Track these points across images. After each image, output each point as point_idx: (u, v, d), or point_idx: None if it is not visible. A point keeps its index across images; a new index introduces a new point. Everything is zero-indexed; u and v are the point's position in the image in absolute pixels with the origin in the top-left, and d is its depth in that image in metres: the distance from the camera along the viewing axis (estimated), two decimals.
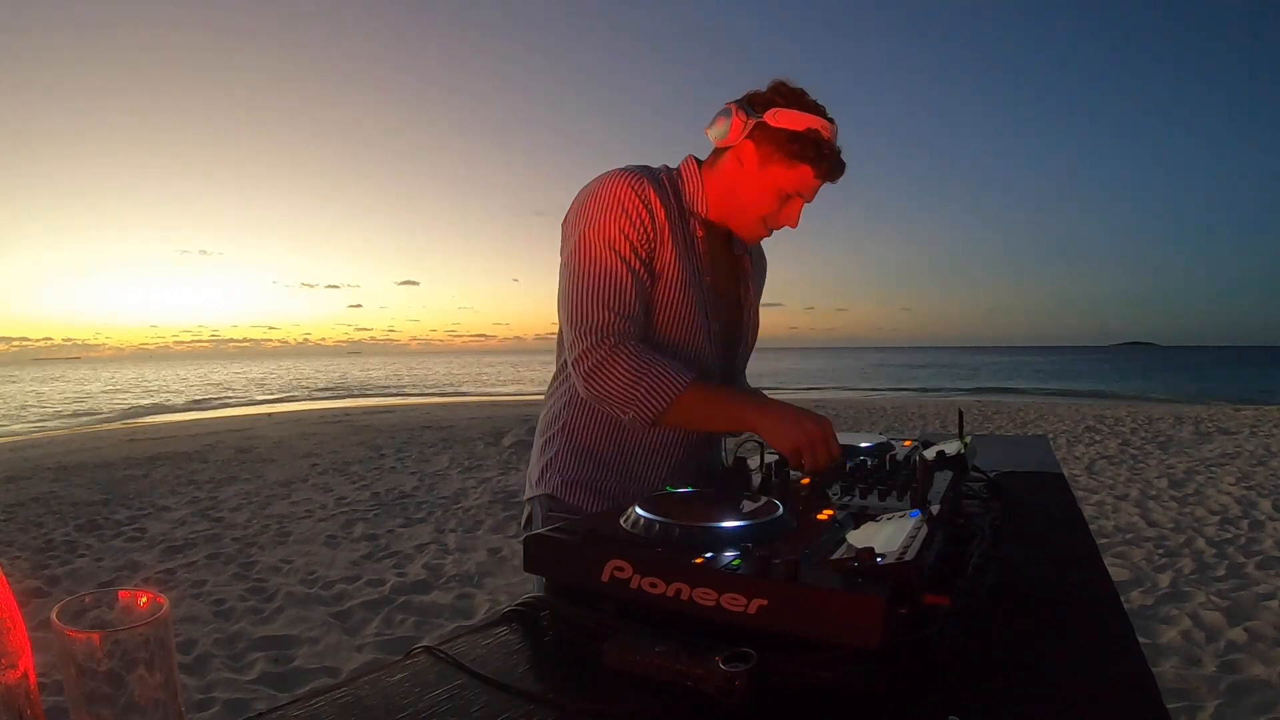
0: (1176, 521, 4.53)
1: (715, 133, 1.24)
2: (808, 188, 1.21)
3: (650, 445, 1.30)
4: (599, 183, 1.24)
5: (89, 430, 14.46)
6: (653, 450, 1.30)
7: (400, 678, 0.62)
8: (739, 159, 1.22)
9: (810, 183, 1.21)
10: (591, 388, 1.17)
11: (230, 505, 5.57)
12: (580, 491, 1.29)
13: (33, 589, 3.60)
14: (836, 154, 1.21)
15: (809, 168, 1.19)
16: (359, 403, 21.37)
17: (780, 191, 1.21)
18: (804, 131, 1.17)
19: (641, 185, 1.21)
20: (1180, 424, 9.73)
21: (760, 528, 0.72)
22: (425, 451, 8.21)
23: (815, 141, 1.17)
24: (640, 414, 1.15)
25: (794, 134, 1.17)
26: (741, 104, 1.21)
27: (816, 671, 0.56)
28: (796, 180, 1.20)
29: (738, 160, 1.22)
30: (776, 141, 1.18)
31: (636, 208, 1.20)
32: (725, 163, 1.25)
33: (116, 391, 32.03)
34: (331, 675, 2.65)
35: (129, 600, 0.46)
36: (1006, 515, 1.06)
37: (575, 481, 1.29)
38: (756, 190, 1.22)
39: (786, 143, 1.18)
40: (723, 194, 1.26)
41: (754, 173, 1.21)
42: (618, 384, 1.15)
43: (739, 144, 1.21)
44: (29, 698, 0.43)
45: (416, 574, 3.77)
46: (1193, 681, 2.44)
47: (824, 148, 1.18)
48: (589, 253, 1.19)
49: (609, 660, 0.60)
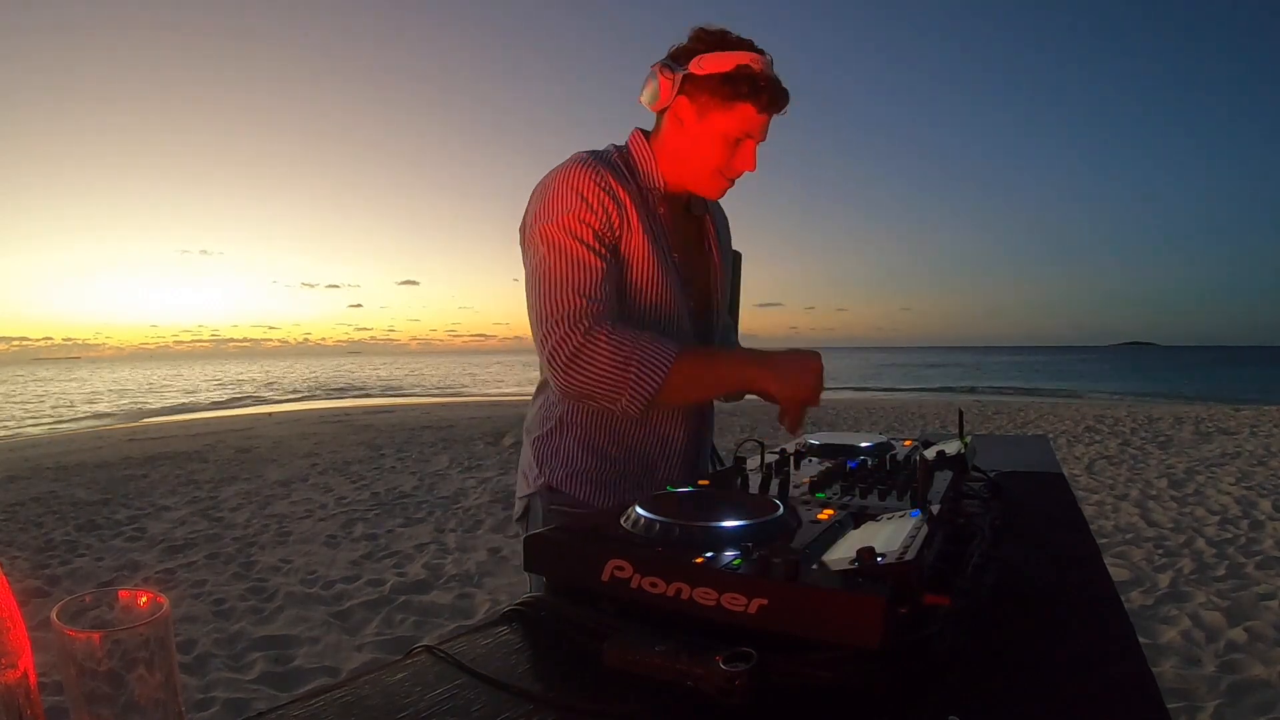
0: (1176, 521, 4.53)
1: (647, 98, 1.21)
2: (754, 126, 1.16)
3: (650, 433, 1.28)
4: (553, 176, 1.19)
5: (89, 430, 14.46)
6: (654, 438, 1.28)
7: (400, 678, 0.61)
8: (677, 118, 1.19)
9: (755, 120, 1.16)
10: (572, 380, 1.09)
11: (230, 505, 5.57)
12: (583, 484, 1.26)
13: (33, 589, 3.60)
14: (774, 83, 1.15)
15: (748, 105, 1.14)
16: (359, 403, 21.37)
17: (726, 138, 1.17)
18: (733, 70, 1.12)
19: (599, 173, 1.17)
20: (1180, 424, 9.73)
21: (760, 527, 0.72)
22: (425, 451, 8.21)
23: (747, 77, 1.13)
24: (633, 398, 1.08)
25: (724, 76, 1.13)
26: (665, 62, 1.18)
27: (816, 671, 0.56)
28: (739, 121, 1.15)
29: (676, 120, 1.19)
30: (708, 88, 1.14)
31: (598, 196, 1.16)
32: (666, 126, 1.22)
33: (127, 390, 32.03)
34: (331, 675, 2.65)
35: (129, 600, 0.46)
36: (1006, 515, 1.06)
37: (578, 474, 1.27)
38: (703, 144, 1.18)
39: (719, 86, 1.13)
40: (673, 158, 1.23)
41: (695, 126, 1.17)
42: (602, 369, 1.08)
43: (673, 103, 1.18)
44: (29, 698, 0.43)
45: (416, 574, 3.77)
46: (1193, 681, 2.44)
47: (758, 80, 1.13)
48: (552, 249, 1.15)
49: (609, 660, 0.60)
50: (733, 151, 1.19)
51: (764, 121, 1.17)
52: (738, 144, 1.18)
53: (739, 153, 1.19)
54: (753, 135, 1.18)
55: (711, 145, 1.18)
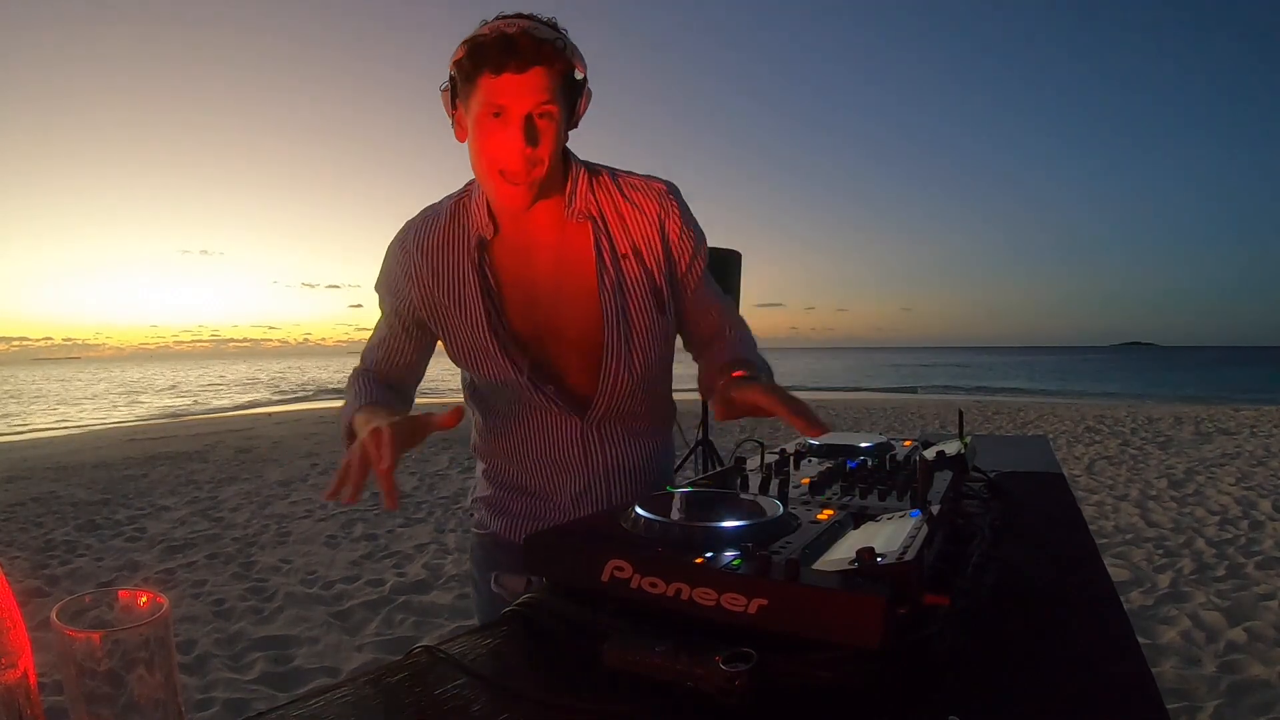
0: (1176, 522, 4.53)
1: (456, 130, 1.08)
2: (499, 93, 0.97)
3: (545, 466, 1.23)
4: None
5: (89, 430, 14.46)
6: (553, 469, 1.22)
7: (400, 678, 0.62)
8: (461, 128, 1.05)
9: (495, 86, 0.97)
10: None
11: (230, 505, 5.57)
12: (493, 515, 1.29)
13: (33, 589, 3.60)
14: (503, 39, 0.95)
15: (481, 73, 0.97)
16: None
17: (480, 124, 0.99)
18: (462, 55, 0.98)
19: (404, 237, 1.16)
20: (1180, 424, 9.73)
21: (760, 527, 0.72)
22: (425, 451, 8.20)
23: (472, 49, 0.97)
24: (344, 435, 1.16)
25: (458, 61, 0.99)
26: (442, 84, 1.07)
27: (816, 671, 0.56)
28: (482, 96, 0.98)
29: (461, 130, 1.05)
30: (456, 81, 1.02)
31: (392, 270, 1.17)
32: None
33: (141, 391, 32.03)
34: (331, 675, 2.65)
35: (129, 600, 0.46)
36: (1006, 515, 1.06)
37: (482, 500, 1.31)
38: (473, 139, 1.02)
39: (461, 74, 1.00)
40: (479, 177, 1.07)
41: (463, 123, 1.04)
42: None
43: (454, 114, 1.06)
44: (29, 698, 0.43)
45: (416, 574, 3.77)
46: (1193, 681, 2.44)
47: (484, 45, 0.96)
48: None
49: (609, 660, 0.60)
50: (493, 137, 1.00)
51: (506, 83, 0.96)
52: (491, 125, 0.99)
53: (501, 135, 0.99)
54: (504, 106, 0.97)
55: (476, 136, 1.01)
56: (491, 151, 1.00)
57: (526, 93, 0.97)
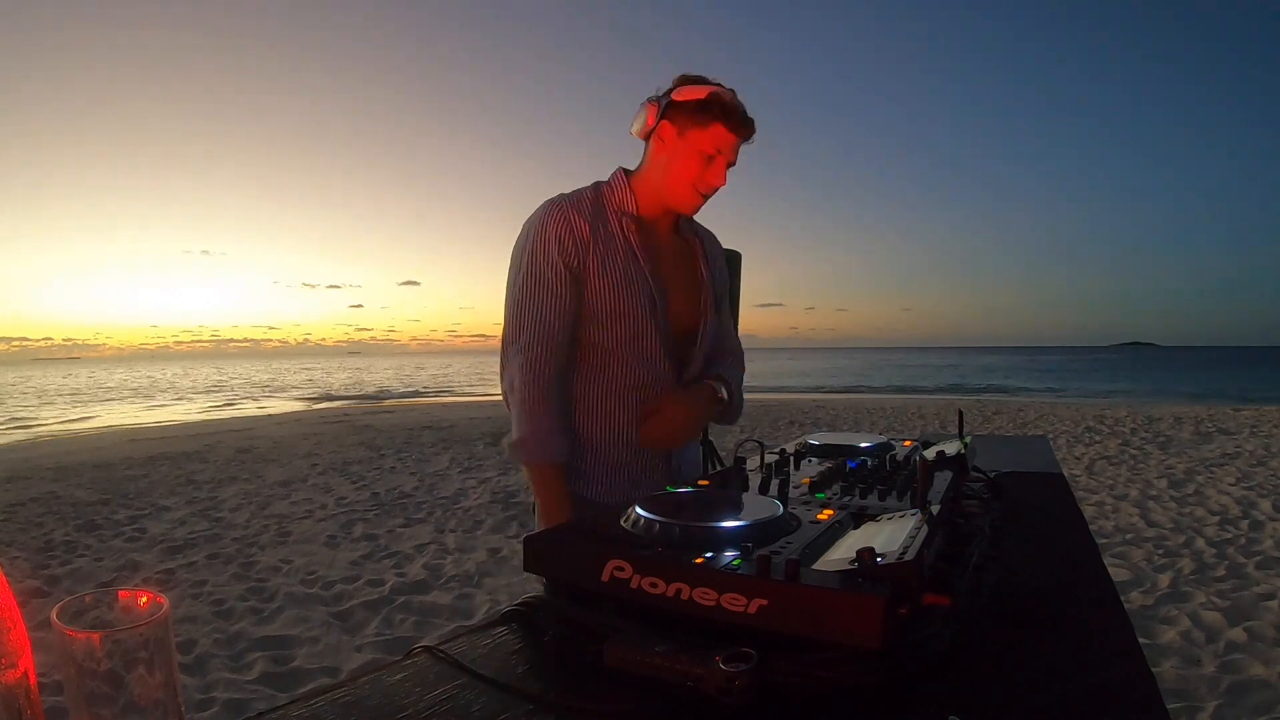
0: (1176, 521, 4.53)
1: (636, 126, 1.43)
2: (725, 144, 1.37)
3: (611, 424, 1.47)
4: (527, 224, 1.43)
5: (89, 430, 14.46)
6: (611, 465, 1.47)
7: (400, 678, 0.61)
8: (660, 138, 1.40)
9: (726, 139, 1.37)
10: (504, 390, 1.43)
11: (230, 505, 5.57)
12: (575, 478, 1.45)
13: (33, 589, 3.60)
14: (742, 110, 1.38)
15: (720, 125, 1.35)
16: (359, 403, 21.37)
17: (701, 154, 1.37)
18: (707, 97, 1.35)
19: (560, 211, 1.39)
20: (1180, 424, 9.73)
21: (760, 528, 0.72)
22: (425, 451, 8.21)
23: (720, 103, 1.35)
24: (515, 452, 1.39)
25: (700, 101, 1.35)
26: (652, 98, 1.41)
27: (816, 671, 0.56)
28: (713, 139, 1.36)
29: (660, 140, 1.40)
30: (687, 111, 1.36)
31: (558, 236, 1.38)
32: (651, 149, 1.43)
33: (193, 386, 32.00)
34: (331, 675, 2.65)
35: (129, 600, 0.45)
36: (1006, 515, 1.06)
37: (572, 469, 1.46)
38: (681, 159, 1.38)
39: (696, 111, 1.35)
40: (654, 178, 1.42)
41: (675, 143, 1.38)
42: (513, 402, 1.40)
43: (657, 126, 1.39)
44: (29, 698, 0.43)
45: (416, 574, 3.77)
46: (1193, 681, 2.44)
47: (728, 107, 1.36)
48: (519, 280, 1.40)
49: (609, 660, 0.60)
50: (706, 167, 1.38)
51: (734, 142, 1.38)
52: (710, 160, 1.38)
53: (711, 169, 1.39)
54: (723, 152, 1.38)
55: (688, 160, 1.37)
56: (699, 175, 1.39)
57: (735, 151, 1.40)
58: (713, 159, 1.38)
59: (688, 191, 1.40)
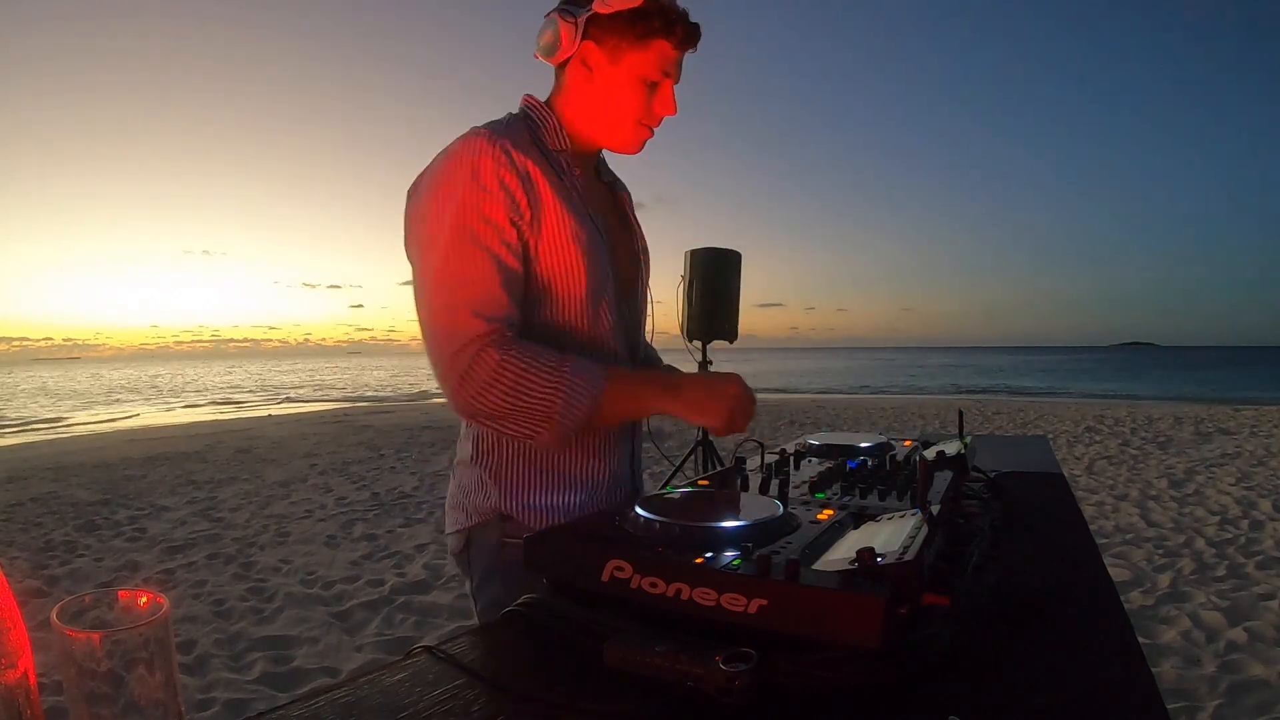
0: (1176, 521, 4.53)
1: (544, 49, 1.09)
2: (671, 64, 1.08)
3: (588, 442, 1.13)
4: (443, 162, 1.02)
5: (89, 430, 14.46)
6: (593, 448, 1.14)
7: (400, 678, 0.62)
8: (585, 65, 1.08)
9: (671, 57, 1.07)
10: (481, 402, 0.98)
11: (230, 505, 5.57)
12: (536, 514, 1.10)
13: (33, 589, 3.60)
14: (686, 16, 1.07)
15: (663, 41, 1.05)
16: (359, 403, 21.37)
17: (644, 80, 1.07)
18: (642, 5, 1.03)
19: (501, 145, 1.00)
20: (1180, 424, 9.73)
21: (760, 528, 0.72)
22: (425, 451, 8.20)
23: (659, 9, 1.04)
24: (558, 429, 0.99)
25: (634, 11, 1.03)
26: (561, 9, 1.07)
27: (816, 671, 0.56)
28: (657, 60, 1.06)
29: (584, 67, 1.08)
30: (618, 28, 1.04)
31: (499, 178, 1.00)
32: (570, 78, 1.10)
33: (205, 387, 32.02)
34: (331, 675, 2.65)
35: (129, 600, 0.45)
36: (1006, 515, 1.06)
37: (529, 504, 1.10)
38: (619, 90, 1.07)
39: (630, 24, 1.04)
40: (583, 113, 1.11)
41: (608, 71, 1.07)
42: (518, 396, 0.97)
43: (578, 50, 1.07)
44: (29, 698, 0.43)
45: (416, 574, 3.77)
46: (1193, 681, 2.44)
47: (670, 14, 1.04)
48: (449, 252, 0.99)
49: (609, 660, 0.60)
50: (651, 95, 1.09)
51: (679, 58, 1.09)
52: (655, 87, 1.08)
53: (657, 96, 1.09)
54: (670, 74, 1.08)
55: (628, 90, 1.07)
56: (643, 107, 1.09)
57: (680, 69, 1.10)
58: (658, 84, 1.08)
59: (631, 129, 1.10)
